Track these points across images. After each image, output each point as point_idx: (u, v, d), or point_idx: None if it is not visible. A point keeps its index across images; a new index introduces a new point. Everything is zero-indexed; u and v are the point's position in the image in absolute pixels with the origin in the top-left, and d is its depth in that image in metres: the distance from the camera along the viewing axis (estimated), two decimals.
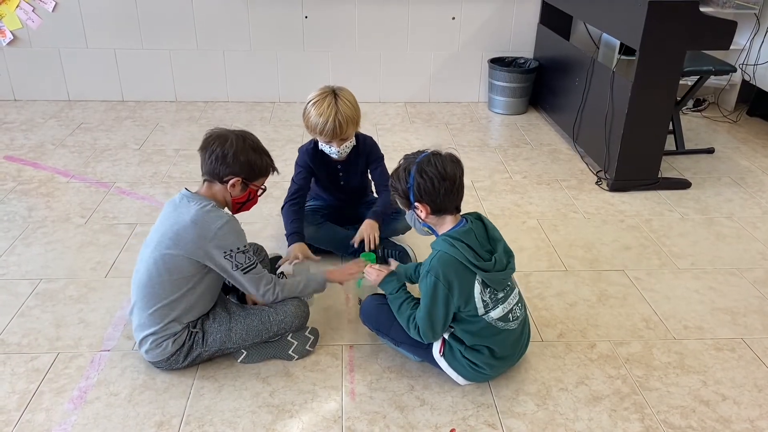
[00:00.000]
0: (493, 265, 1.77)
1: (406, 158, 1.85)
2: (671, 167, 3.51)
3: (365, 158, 2.54)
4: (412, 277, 2.11)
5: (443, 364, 1.90)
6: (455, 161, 1.81)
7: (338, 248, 2.55)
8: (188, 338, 1.91)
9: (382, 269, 2.05)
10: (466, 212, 1.88)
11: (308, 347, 2.05)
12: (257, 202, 2.05)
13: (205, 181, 1.93)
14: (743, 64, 4.17)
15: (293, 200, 2.48)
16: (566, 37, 4.25)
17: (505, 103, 4.31)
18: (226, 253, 1.84)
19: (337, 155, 2.42)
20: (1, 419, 1.78)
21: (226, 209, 1.96)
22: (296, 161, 2.53)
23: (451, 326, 1.87)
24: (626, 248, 2.73)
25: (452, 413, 1.83)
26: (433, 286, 1.76)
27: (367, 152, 2.53)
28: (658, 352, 2.10)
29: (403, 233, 2.65)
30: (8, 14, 4.08)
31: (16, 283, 2.39)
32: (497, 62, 4.30)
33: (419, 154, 1.82)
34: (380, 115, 4.27)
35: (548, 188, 3.27)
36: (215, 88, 4.39)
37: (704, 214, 3.04)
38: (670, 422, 1.82)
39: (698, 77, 3.55)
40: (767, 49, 4.01)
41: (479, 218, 1.88)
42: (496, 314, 1.82)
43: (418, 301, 1.92)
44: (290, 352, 2.02)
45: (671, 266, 2.60)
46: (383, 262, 2.37)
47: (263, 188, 2.01)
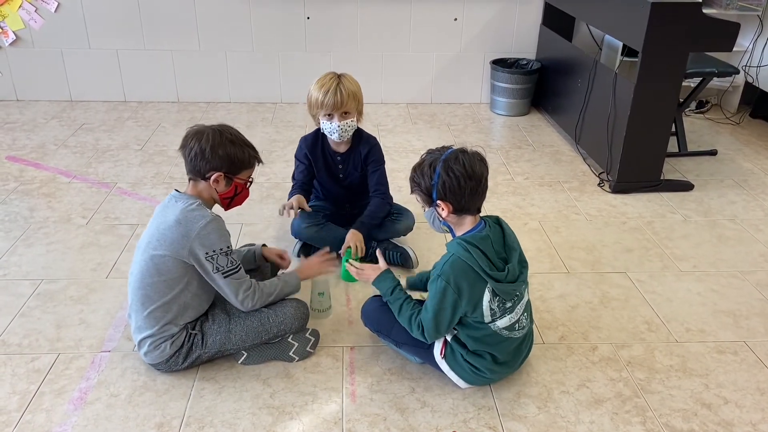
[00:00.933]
0: (505, 275, 1.74)
1: (430, 153, 1.79)
2: (674, 169, 3.50)
3: (366, 153, 2.52)
4: (420, 287, 2.09)
5: (444, 366, 1.89)
6: (482, 160, 1.76)
7: (338, 249, 2.54)
8: (187, 340, 1.90)
9: (375, 267, 2.00)
10: (486, 214, 1.84)
11: (309, 349, 2.04)
12: (248, 195, 2.02)
13: (189, 179, 1.91)
14: (746, 65, 4.16)
15: (296, 189, 2.50)
16: (568, 38, 4.25)
17: (507, 104, 4.30)
18: (207, 253, 1.81)
19: (338, 135, 2.40)
20: (1, 420, 1.78)
21: (216, 206, 1.94)
22: (295, 154, 2.53)
23: (454, 328, 1.86)
24: (628, 250, 2.72)
25: (453, 415, 1.82)
26: (442, 290, 1.74)
27: (369, 148, 2.53)
28: (659, 354, 2.10)
29: (404, 234, 2.64)
30: (11, 14, 4.08)
31: (17, 283, 2.39)
32: (499, 63, 4.30)
33: (445, 149, 1.76)
34: (382, 116, 4.27)
35: (550, 190, 3.27)
36: (217, 88, 4.39)
37: (707, 216, 3.03)
38: (671, 425, 1.81)
39: (701, 79, 3.54)
40: None
41: (498, 222, 1.83)
42: (502, 323, 1.81)
43: (416, 300, 1.92)
44: (291, 353, 2.01)
45: (673, 268, 2.59)
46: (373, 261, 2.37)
47: (250, 180, 1.98)
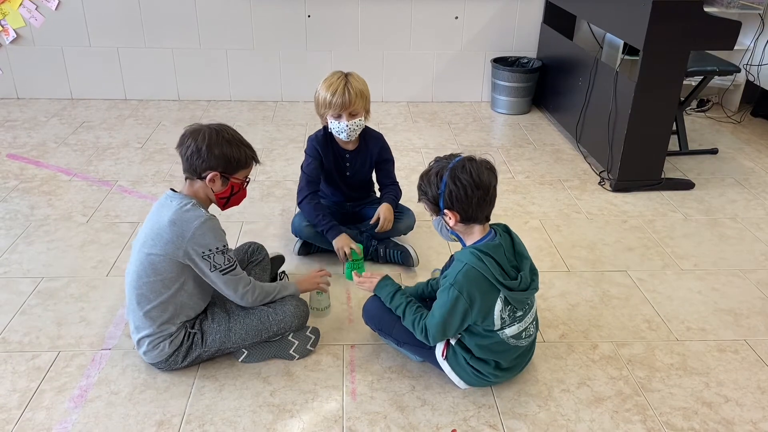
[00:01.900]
0: (518, 283, 1.73)
1: (437, 161, 1.77)
2: (674, 168, 3.50)
3: (376, 152, 2.55)
4: (424, 294, 2.08)
5: (446, 367, 1.89)
6: (490, 168, 1.73)
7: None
8: (186, 339, 1.90)
9: (374, 276, 2.01)
10: (493, 222, 1.83)
11: (309, 347, 2.04)
12: (246, 195, 2.01)
13: (186, 179, 1.91)
14: (747, 64, 4.15)
15: (309, 193, 2.47)
16: (569, 36, 4.24)
17: (508, 102, 4.30)
18: (204, 253, 1.81)
19: (346, 134, 2.40)
20: (2, 417, 1.78)
21: (212, 206, 1.94)
22: (305, 150, 2.54)
23: (460, 333, 1.85)
24: (629, 249, 2.72)
25: (453, 414, 1.82)
26: (454, 299, 1.72)
27: (378, 147, 2.56)
28: (660, 353, 2.10)
29: (405, 233, 2.64)
30: (11, 12, 4.08)
31: (17, 281, 2.39)
32: (500, 62, 4.30)
33: (452, 158, 1.74)
34: (383, 114, 4.26)
35: (551, 188, 3.26)
36: (218, 87, 4.39)
37: (707, 215, 3.03)
38: (672, 424, 1.81)
39: (702, 77, 3.54)
40: None
41: (507, 231, 1.83)
42: (510, 332, 1.80)
43: (418, 304, 1.91)
44: (291, 351, 2.01)
45: (674, 267, 2.59)
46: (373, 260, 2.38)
47: (247, 180, 1.97)
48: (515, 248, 1.80)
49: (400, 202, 2.64)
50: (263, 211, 2.95)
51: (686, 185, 3.29)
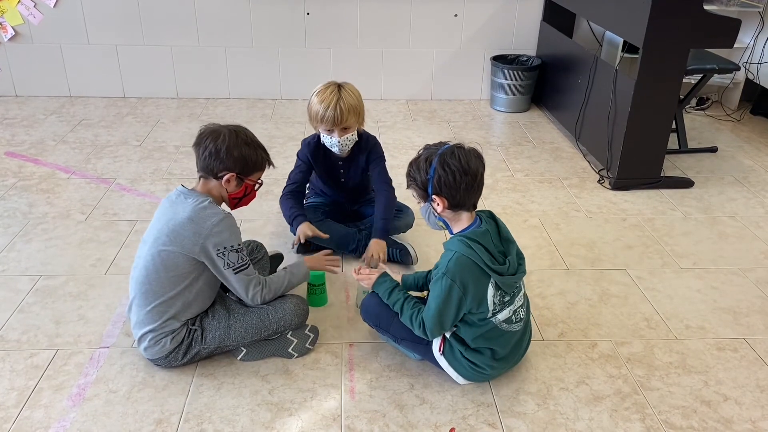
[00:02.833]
0: (507, 268, 1.75)
1: (427, 148, 1.80)
2: (674, 166, 3.50)
3: (366, 156, 2.53)
4: (422, 285, 2.09)
5: (443, 362, 1.89)
6: (478, 156, 1.77)
7: (339, 246, 2.53)
8: (187, 336, 1.90)
9: (372, 273, 2.02)
10: (478, 209, 1.85)
11: (308, 345, 2.04)
12: (255, 196, 2.04)
13: (200, 177, 1.92)
14: (747, 62, 4.15)
15: (290, 192, 2.49)
16: (569, 34, 4.24)
17: (507, 100, 4.29)
18: (219, 250, 1.83)
19: (338, 148, 2.41)
20: (0, 416, 1.78)
21: (223, 205, 1.95)
22: (297, 153, 2.53)
23: (455, 325, 1.85)
24: (628, 247, 2.72)
25: (452, 412, 1.82)
26: (448, 288, 1.73)
27: (369, 149, 2.52)
28: (659, 351, 2.09)
29: (403, 231, 2.64)
30: (10, 10, 4.07)
31: (15, 279, 2.39)
32: (500, 60, 4.29)
33: (441, 145, 1.77)
34: (382, 112, 4.26)
35: (550, 186, 3.26)
36: (216, 84, 4.38)
37: (707, 213, 3.03)
38: (671, 422, 1.81)
39: (702, 75, 3.53)
40: None
41: (492, 217, 1.85)
42: (502, 316, 1.81)
43: (416, 299, 1.92)
44: (290, 350, 2.01)
45: (673, 265, 2.59)
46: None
47: (260, 182, 2.00)
48: (501, 234, 1.83)
49: (399, 200, 2.64)
50: (262, 209, 2.95)
51: (685, 183, 3.28)
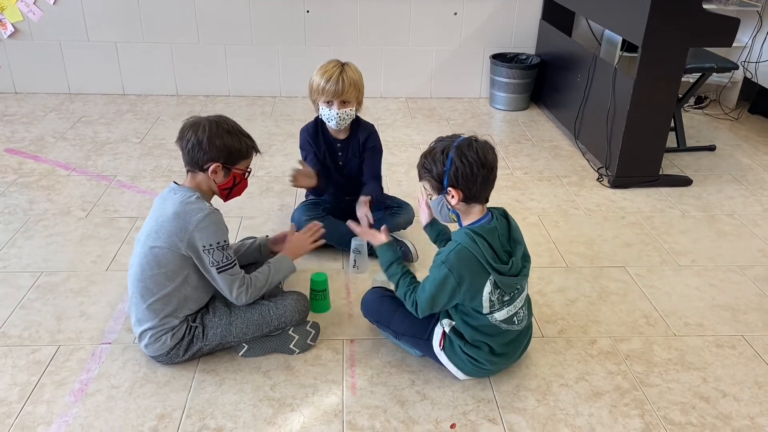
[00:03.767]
0: (509, 268, 1.75)
1: (440, 140, 1.78)
2: (672, 164, 3.51)
3: (365, 140, 2.55)
4: (437, 239, 2.10)
5: (443, 358, 1.90)
6: (493, 149, 1.75)
7: (339, 242, 2.54)
8: (188, 332, 1.91)
9: (379, 234, 2.00)
10: (492, 206, 1.85)
11: (309, 341, 2.05)
12: (247, 185, 2.02)
13: (188, 172, 1.92)
14: (745, 61, 4.16)
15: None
16: (568, 33, 4.25)
17: (506, 99, 4.30)
18: (204, 246, 1.82)
19: (336, 122, 2.42)
20: (2, 411, 1.78)
21: (215, 198, 1.94)
22: (300, 145, 2.55)
23: (452, 320, 1.87)
24: (627, 245, 2.73)
25: (453, 408, 1.83)
26: (444, 277, 1.74)
27: (367, 133, 2.56)
28: (658, 348, 2.11)
29: (404, 228, 2.65)
30: (9, 7, 4.07)
31: (17, 275, 2.39)
32: (499, 58, 4.30)
33: (456, 137, 1.75)
34: (381, 110, 4.26)
35: (549, 184, 3.27)
36: (216, 82, 4.38)
37: (705, 211, 3.04)
38: (670, 418, 1.82)
39: (700, 74, 3.54)
40: None
41: (505, 215, 1.84)
42: (500, 316, 1.81)
43: (413, 275, 1.92)
44: (291, 346, 2.02)
45: (672, 263, 2.60)
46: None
47: (249, 171, 1.98)
48: (511, 233, 1.82)
49: (399, 197, 2.65)
50: (262, 206, 2.95)
51: (684, 182, 3.30)
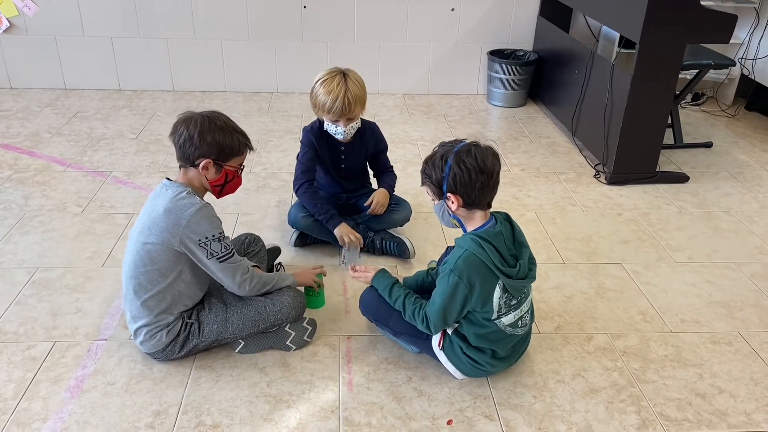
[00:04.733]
0: (517, 272, 1.74)
1: (442, 146, 1.78)
2: (669, 161, 3.51)
3: (371, 145, 2.57)
4: (424, 284, 2.09)
5: (442, 357, 1.90)
6: (494, 154, 1.75)
7: (335, 239, 2.54)
8: (183, 329, 1.90)
9: (369, 269, 2.02)
10: (494, 210, 1.84)
11: (306, 338, 2.04)
12: (240, 183, 1.99)
13: (180, 167, 1.90)
14: (742, 58, 4.17)
15: (305, 181, 2.48)
16: (566, 29, 4.24)
17: (503, 95, 4.30)
18: (200, 241, 1.81)
19: (342, 136, 2.42)
20: None
21: (207, 194, 1.93)
22: (301, 140, 2.55)
23: (456, 322, 1.86)
24: (624, 241, 2.73)
25: (449, 404, 1.83)
26: (454, 285, 1.73)
27: (374, 139, 2.58)
28: (654, 344, 2.11)
29: (401, 225, 2.65)
30: (4, 1, 4.04)
31: (12, 271, 2.38)
32: (496, 54, 4.29)
33: (457, 143, 1.75)
34: (378, 106, 4.26)
35: (546, 181, 3.27)
36: (213, 77, 4.37)
37: (702, 208, 3.05)
38: (666, 415, 1.82)
39: (697, 71, 3.54)
40: (766, 43, 4.01)
41: (508, 219, 1.83)
42: (507, 320, 1.81)
43: (416, 295, 1.92)
44: (288, 342, 2.01)
45: (669, 260, 2.61)
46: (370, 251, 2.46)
47: (242, 168, 1.96)
48: (515, 237, 1.81)
49: (397, 194, 2.65)
50: (259, 202, 2.95)
51: (681, 178, 3.30)
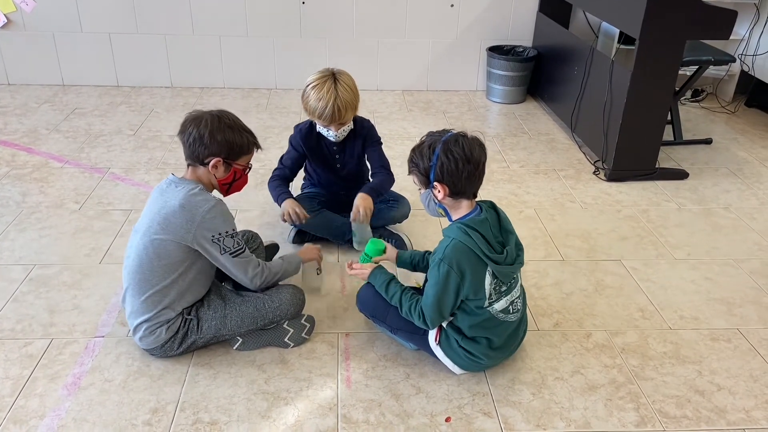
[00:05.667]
0: (504, 257, 1.76)
1: (430, 135, 1.79)
2: (669, 157, 3.50)
3: (362, 141, 2.52)
4: (417, 264, 2.09)
5: (439, 352, 1.90)
6: (481, 145, 1.76)
7: (335, 236, 2.54)
8: (182, 325, 1.90)
9: (366, 267, 2.02)
10: (479, 200, 1.85)
11: (304, 335, 2.04)
12: (247, 181, 2.01)
13: (188, 165, 1.91)
14: (742, 54, 4.16)
15: (278, 176, 2.49)
16: (565, 25, 4.23)
17: (503, 91, 4.29)
18: (214, 237, 1.82)
19: (334, 138, 2.42)
20: None
21: (215, 192, 1.94)
22: (290, 138, 2.53)
23: (452, 314, 1.86)
24: (623, 238, 2.72)
25: (448, 401, 1.83)
26: (445, 274, 1.74)
27: (364, 135, 2.52)
28: (653, 341, 2.11)
29: (399, 221, 2.64)
30: None
31: (9, 268, 2.37)
32: (496, 51, 4.28)
33: (445, 132, 1.77)
34: (377, 103, 4.25)
35: (545, 178, 3.26)
36: (211, 74, 4.35)
37: (701, 204, 3.04)
38: (665, 412, 1.82)
39: (697, 67, 3.53)
40: (766, 39, 3.99)
41: (493, 207, 1.85)
42: (499, 306, 1.82)
43: (413, 290, 1.92)
44: (286, 339, 2.01)
45: (668, 256, 2.60)
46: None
47: (249, 166, 1.98)
48: (501, 224, 1.83)
49: (395, 190, 2.63)
50: (258, 199, 2.94)
51: (680, 175, 3.29)
